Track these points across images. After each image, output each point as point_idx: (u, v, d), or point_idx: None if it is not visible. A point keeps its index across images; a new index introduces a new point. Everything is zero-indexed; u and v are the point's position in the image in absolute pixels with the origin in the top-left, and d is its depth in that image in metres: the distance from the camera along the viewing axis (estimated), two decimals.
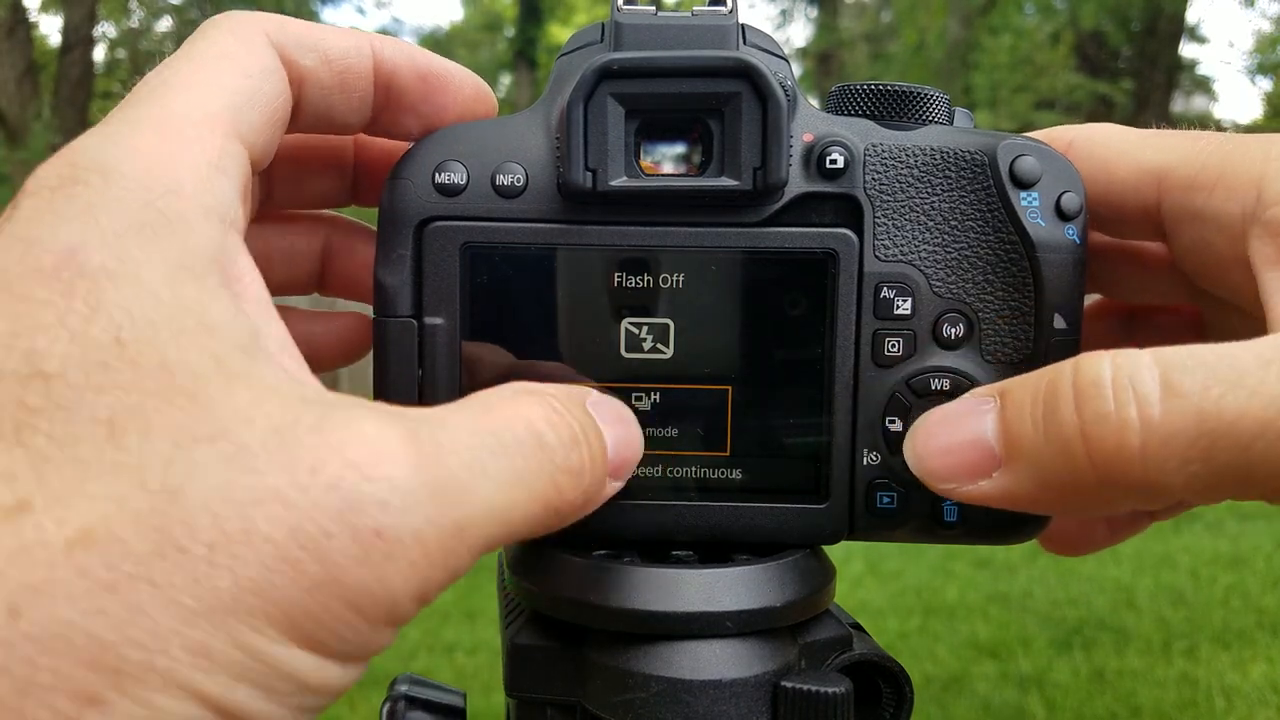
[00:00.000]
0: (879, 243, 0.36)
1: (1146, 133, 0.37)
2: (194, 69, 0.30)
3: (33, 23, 9.94)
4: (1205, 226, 0.34)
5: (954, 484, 0.32)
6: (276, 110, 0.31)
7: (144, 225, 0.25)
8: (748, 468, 0.37)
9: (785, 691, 0.34)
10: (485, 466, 0.26)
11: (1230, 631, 2.91)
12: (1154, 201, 0.36)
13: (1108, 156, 0.37)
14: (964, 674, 2.66)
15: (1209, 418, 0.27)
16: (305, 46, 0.33)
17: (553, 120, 0.36)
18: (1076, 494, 0.29)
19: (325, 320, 0.42)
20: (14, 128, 8.74)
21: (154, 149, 0.27)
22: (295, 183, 0.41)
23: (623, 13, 0.35)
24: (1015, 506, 0.31)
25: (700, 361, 0.37)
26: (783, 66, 0.36)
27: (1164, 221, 0.36)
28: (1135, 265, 0.41)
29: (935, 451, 0.32)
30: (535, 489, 0.27)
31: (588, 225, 0.36)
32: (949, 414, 0.33)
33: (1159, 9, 9.92)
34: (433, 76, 0.36)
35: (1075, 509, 0.31)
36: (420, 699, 0.41)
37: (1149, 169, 0.36)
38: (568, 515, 0.29)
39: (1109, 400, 0.28)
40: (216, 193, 0.27)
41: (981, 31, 10.38)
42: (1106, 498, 0.29)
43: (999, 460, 0.31)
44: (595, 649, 0.35)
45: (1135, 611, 3.09)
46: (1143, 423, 0.27)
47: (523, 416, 0.28)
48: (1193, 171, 0.34)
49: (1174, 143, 0.36)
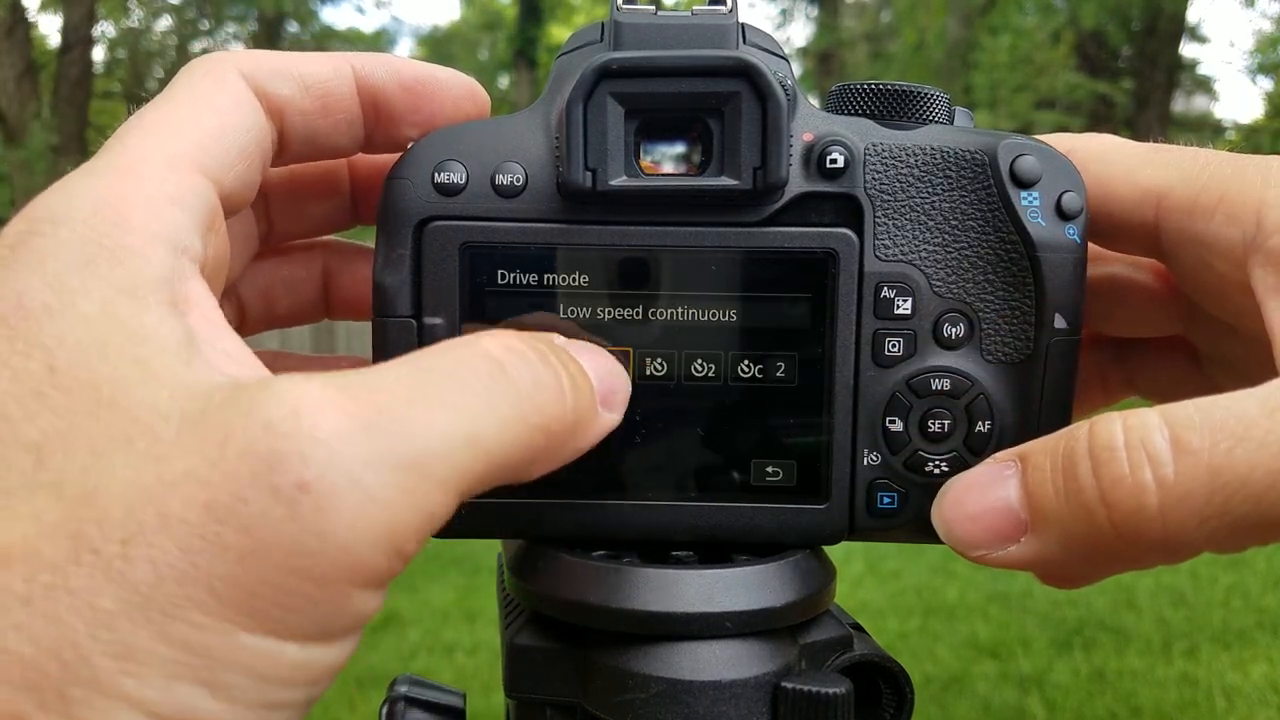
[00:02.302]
0: (879, 242, 0.36)
1: (1146, 148, 0.37)
2: (162, 113, 0.30)
3: (32, 22, 9.94)
4: (1205, 251, 0.34)
5: (983, 550, 0.32)
6: (250, 142, 0.32)
7: (87, 260, 0.25)
8: (748, 468, 0.37)
9: (785, 692, 0.34)
10: (433, 397, 0.24)
11: (1231, 632, 2.91)
12: (1153, 221, 0.35)
13: (1106, 173, 0.36)
14: (964, 674, 2.66)
15: (1221, 472, 0.27)
16: (281, 76, 0.33)
17: (552, 120, 0.35)
18: (1102, 555, 0.30)
19: (322, 364, 0.42)
20: (13, 127, 8.74)
21: (107, 190, 0.27)
22: (294, 212, 0.41)
23: (622, 12, 0.35)
24: (1045, 571, 0.32)
25: (700, 360, 0.36)
26: (783, 66, 0.36)
27: (1162, 242, 0.36)
28: (1126, 299, 0.41)
29: (963, 519, 0.32)
30: (503, 410, 0.26)
31: (587, 225, 0.35)
32: (974, 481, 0.33)
33: (1159, 8, 9.92)
34: (418, 84, 0.36)
35: (1102, 570, 0.32)
36: (420, 699, 0.40)
37: (1148, 189, 0.35)
38: (562, 437, 0.28)
39: (1124, 463, 0.28)
40: (168, 222, 0.27)
41: (981, 31, 10.38)
42: (1131, 556, 0.30)
43: (1025, 526, 0.31)
44: (595, 649, 0.35)
45: (1135, 611, 3.09)
46: (1158, 483, 0.28)
47: (474, 347, 0.27)
48: (1192, 194, 0.34)
49: (1174, 161, 0.35)
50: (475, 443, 0.25)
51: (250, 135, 0.32)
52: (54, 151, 8.44)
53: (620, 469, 0.37)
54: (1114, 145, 0.37)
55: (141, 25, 12.31)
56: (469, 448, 0.25)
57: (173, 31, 12.51)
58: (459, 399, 0.25)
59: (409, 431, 0.24)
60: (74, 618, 0.21)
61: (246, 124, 0.32)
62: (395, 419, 0.24)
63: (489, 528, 0.37)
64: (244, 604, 0.22)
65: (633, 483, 0.37)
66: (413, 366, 0.25)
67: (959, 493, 0.33)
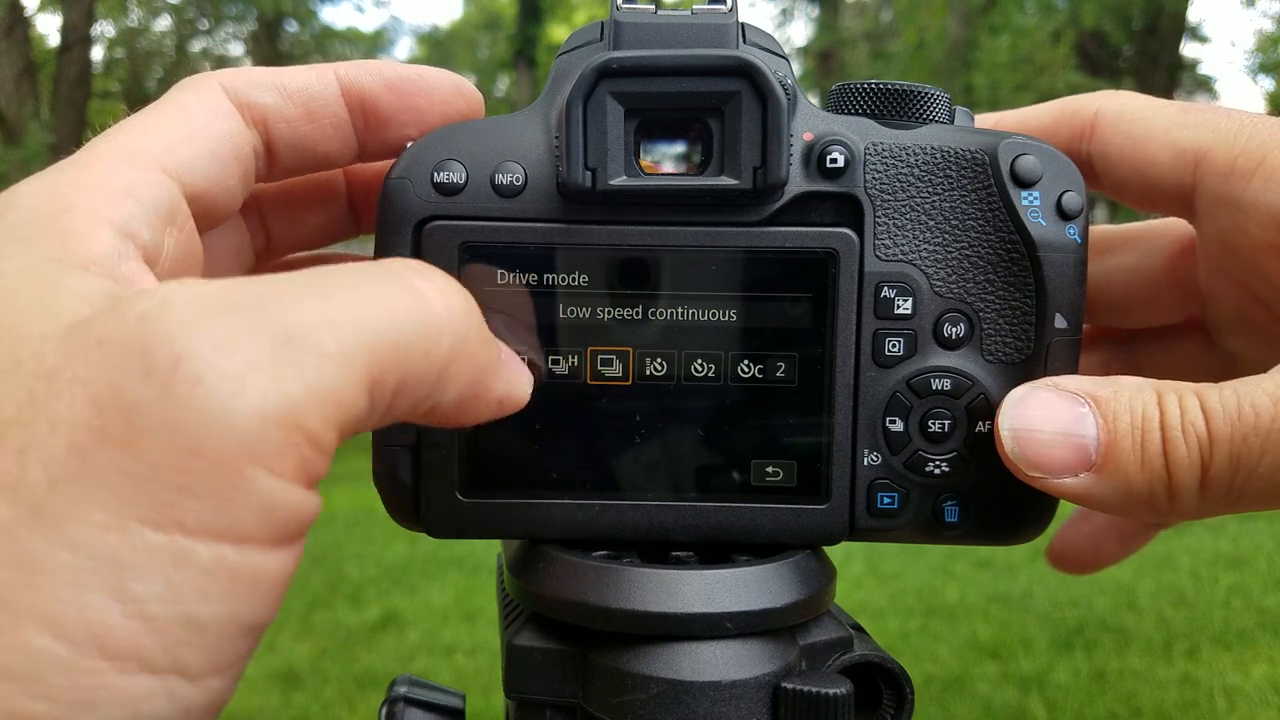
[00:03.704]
0: (879, 242, 0.36)
1: (1177, 107, 0.37)
2: (135, 119, 0.31)
3: (31, 21, 9.94)
4: (1241, 214, 0.35)
5: (1044, 475, 0.34)
6: (224, 147, 0.32)
7: (26, 237, 0.26)
8: (748, 468, 0.37)
9: (786, 693, 0.34)
10: (319, 286, 0.24)
11: (1232, 632, 2.91)
12: (1189, 183, 0.36)
13: (1139, 133, 0.37)
14: (965, 675, 2.66)
15: (1241, 460, 0.31)
16: (261, 86, 0.34)
17: (552, 119, 0.35)
18: (1142, 509, 0.33)
19: None
20: (11, 127, 8.74)
21: (61, 179, 0.28)
22: (291, 223, 0.41)
23: (622, 11, 0.35)
24: (1089, 506, 0.34)
25: (700, 360, 0.36)
26: (783, 65, 0.36)
27: (1196, 203, 0.36)
28: (1142, 288, 0.42)
29: (1037, 441, 0.34)
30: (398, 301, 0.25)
31: (587, 225, 0.35)
32: (1050, 410, 0.34)
33: (1160, 8, 9.92)
34: (403, 83, 0.36)
35: (1139, 519, 0.35)
36: (419, 700, 0.40)
37: (1185, 149, 0.36)
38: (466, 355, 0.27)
39: (1181, 444, 0.32)
40: (117, 209, 0.28)
41: (982, 30, 10.37)
42: (1159, 516, 0.34)
43: (1092, 466, 0.33)
44: (595, 650, 0.35)
45: (1136, 612, 3.09)
46: (1202, 466, 0.32)
47: (374, 263, 0.26)
48: (1231, 156, 0.35)
49: (1208, 121, 0.36)
50: (365, 323, 0.24)
51: (226, 141, 0.32)
52: (52, 151, 8.44)
53: (620, 469, 0.37)
54: (1145, 103, 0.38)
55: (140, 25, 12.31)
56: (358, 326, 0.24)
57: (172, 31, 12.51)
58: (348, 288, 0.24)
59: (289, 308, 0.23)
60: None
61: (221, 130, 0.32)
62: (276, 299, 0.23)
63: (490, 528, 0.37)
64: (141, 497, 0.21)
65: (632, 483, 0.37)
66: (306, 272, 0.25)
67: (1037, 417, 0.34)
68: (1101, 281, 0.42)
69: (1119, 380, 0.34)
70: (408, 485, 0.37)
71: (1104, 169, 0.39)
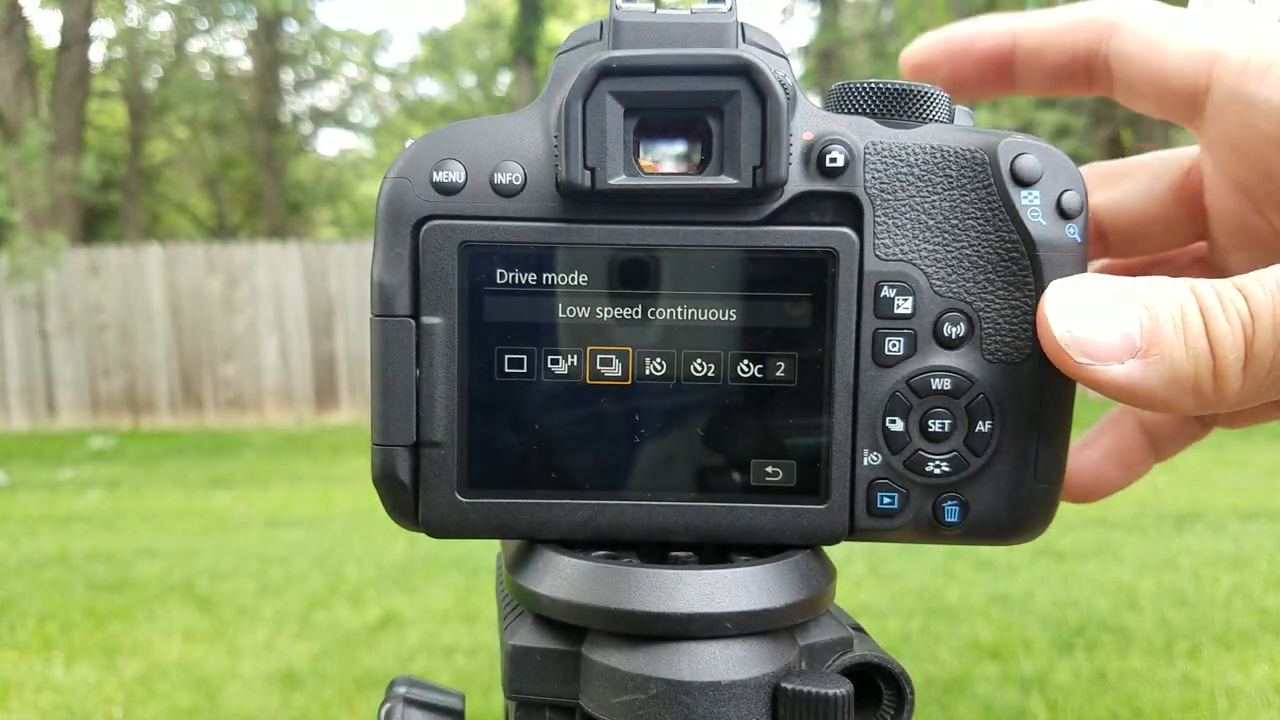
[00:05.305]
0: (879, 242, 0.36)
1: (1197, 13, 0.39)
2: None
3: (30, 21, 9.94)
4: (1253, 111, 0.36)
5: (1091, 361, 0.34)
6: None
7: None
8: (747, 468, 0.37)
9: (785, 693, 0.34)
10: None
11: (1233, 632, 2.91)
12: (1203, 84, 0.37)
13: (1158, 34, 0.38)
14: (965, 675, 2.66)
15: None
16: None
17: (551, 118, 0.35)
18: (1194, 397, 0.33)
19: None
20: (10, 126, 8.74)
21: None
22: None
23: (622, 10, 0.35)
24: (1136, 401, 0.34)
25: (699, 360, 0.36)
26: (782, 64, 0.36)
27: (1208, 104, 0.38)
28: (1150, 213, 0.43)
29: (1086, 326, 0.34)
30: None
31: (586, 224, 0.35)
32: (1097, 299, 0.34)
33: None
34: None
35: (1185, 411, 0.35)
36: (419, 700, 0.40)
37: (1203, 50, 0.37)
38: None
39: (1222, 320, 0.32)
40: None
41: None
42: (1218, 399, 0.34)
43: (1137, 352, 0.33)
44: (594, 650, 0.35)
45: (1137, 612, 3.09)
46: (1246, 343, 0.32)
47: None
48: (1246, 56, 0.36)
49: (1226, 25, 0.37)
50: None
51: None
52: (51, 150, 8.43)
53: (619, 469, 0.37)
54: (1164, 9, 0.39)
55: (139, 24, 12.31)
56: None
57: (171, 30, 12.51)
58: None
59: None
60: None
61: None
62: None
63: (489, 528, 0.37)
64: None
65: (632, 483, 0.37)
66: None
67: (1082, 302, 0.34)
68: (1112, 208, 0.44)
69: (1156, 277, 0.34)
70: (407, 485, 0.37)
71: (1121, 70, 0.40)
